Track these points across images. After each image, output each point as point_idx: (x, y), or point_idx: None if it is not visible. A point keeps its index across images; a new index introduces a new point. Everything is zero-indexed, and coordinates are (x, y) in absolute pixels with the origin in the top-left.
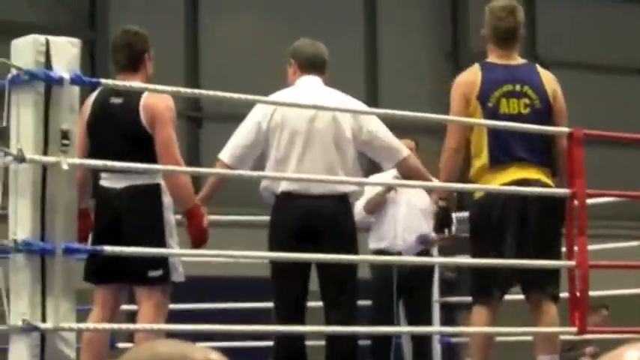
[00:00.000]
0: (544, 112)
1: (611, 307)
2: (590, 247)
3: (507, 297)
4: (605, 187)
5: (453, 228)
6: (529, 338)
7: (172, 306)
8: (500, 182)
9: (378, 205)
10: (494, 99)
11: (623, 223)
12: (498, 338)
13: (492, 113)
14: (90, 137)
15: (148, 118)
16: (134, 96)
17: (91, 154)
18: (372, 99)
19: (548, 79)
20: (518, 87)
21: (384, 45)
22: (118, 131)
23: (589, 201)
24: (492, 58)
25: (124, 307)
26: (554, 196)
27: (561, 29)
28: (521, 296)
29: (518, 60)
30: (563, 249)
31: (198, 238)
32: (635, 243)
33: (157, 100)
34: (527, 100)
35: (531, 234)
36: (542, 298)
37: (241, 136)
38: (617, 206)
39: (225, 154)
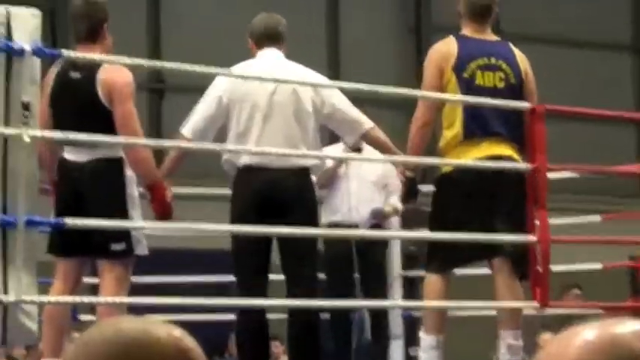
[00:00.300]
0: (517, 89)
1: (574, 281)
2: (552, 221)
3: (469, 272)
4: (566, 162)
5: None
6: (489, 313)
7: (135, 278)
8: (473, 157)
9: (330, 179)
10: (470, 70)
11: (584, 197)
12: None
13: (468, 85)
14: (52, 111)
15: (106, 94)
16: (92, 70)
17: (54, 127)
18: (334, 73)
19: (522, 57)
20: (493, 60)
21: (346, 19)
22: (77, 105)
23: (550, 175)
24: (467, 32)
25: (87, 279)
26: (522, 173)
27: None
28: (480, 272)
29: (492, 36)
30: None
31: (161, 212)
32: (596, 217)
33: (115, 76)
34: (502, 74)
35: (500, 211)
36: (510, 275)
37: (202, 109)
38: (578, 181)
39: (187, 128)
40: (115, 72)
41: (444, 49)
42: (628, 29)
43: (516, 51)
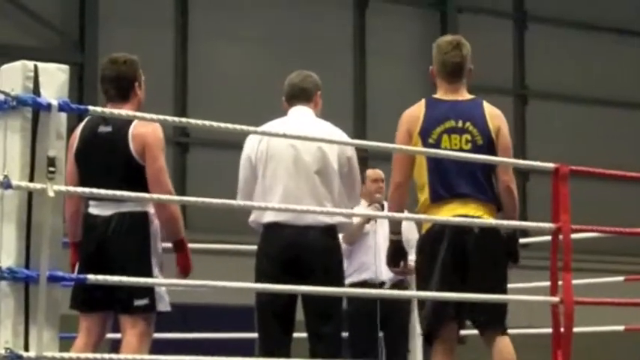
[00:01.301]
0: (485, 149)
1: (596, 342)
2: (574, 282)
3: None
4: (588, 221)
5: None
6: None
7: (157, 335)
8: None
9: (356, 237)
10: (436, 134)
11: (605, 257)
12: None
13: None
14: (78, 166)
15: (138, 148)
16: (123, 124)
17: (80, 183)
18: (361, 125)
19: (493, 115)
20: (460, 123)
21: (372, 77)
22: (106, 160)
23: (573, 236)
24: (439, 94)
25: (109, 335)
26: (495, 232)
27: None
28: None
29: (465, 95)
30: (527, 285)
31: (185, 268)
32: (620, 278)
33: (147, 130)
34: (468, 137)
35: (469, 270)
36: (495, 334)
37: (241, 173)
38: (601, 241)
39: (239, 197)
40: (148, 127)
41: (413, 114)
42: None
43: (488, 108)
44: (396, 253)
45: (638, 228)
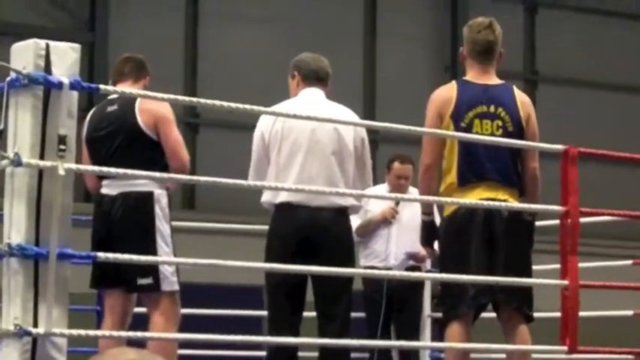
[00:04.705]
0: (516, 136)
1: (604, 326)
2: (581, 265)
3: (485, 315)
4: (597, 205)
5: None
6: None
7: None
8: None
9: (370, 232)
10: (468, 119)
11: (615, 242)
12: (478, 355)
13: (465, 133)
14: (91, 151)
15: (148, 121)
16: (129, 101)
17: (93, 163)
18: (370, 110)
19: (524, 102)
20: (492, 108)
21: (382, 58)
22: (115, 137)
23: (582, 220)
24: (470, 76)
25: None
26: (520, 216)
27: None
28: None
29: (496, 80)
30: (536, 267)
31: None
32: (628, 262)
33: (154, 105)
34: (500, 122)
35: (498, 253)
36: (513, 316)
37: (254, 152)
38: (610, 225)
39: (251, 176)
40: (154, 102)
41: (444, 95)
42: None
43: (518, 95)
44: (430, 233)
45: None
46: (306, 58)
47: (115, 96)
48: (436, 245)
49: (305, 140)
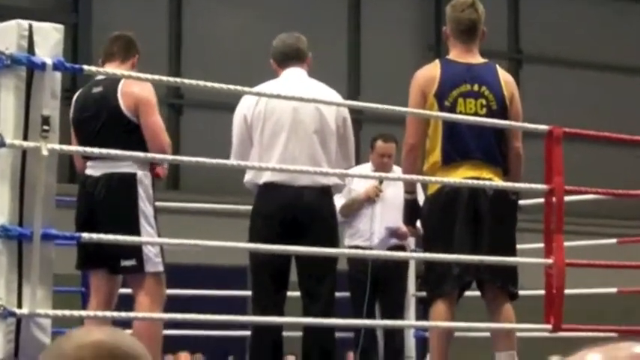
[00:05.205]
0: (499, 115)
1: (589, 304)
2: (567, 244)
3: (469, 293)
4: (583, 185)
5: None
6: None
7: None
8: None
9: (354, 211)
10: (452, 98)
11: (600, 220)
12: (462, 334)
13: (449, 112)
14: (77, 133)
15: (129, 105)
16: (113, 82)
17: (79, 144)
18: (354, 88)
19: (507, 81)
20: (476, 87)
21: (366, 37)
22: (99, 119)
23: (567, 198)
24: (453, 55)
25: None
26: (505, 195)
27: None
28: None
29: (479, 59)
30: (519, 246)
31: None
32: (612, 240)
33: (136, 88)
34: (483, 101)
35: (483, 231)
36: (498, 295)
37: (235, 133)
38: (594, 203)
39: (233, 156)
40: (136, 84)
41: (428, 75)
42: None
43: (502, 74)
44: (413, 212)
45: (631, 190)
46: (276, 42)
47: (101, 77)
48: (418, 224)
49: (287, 120)
